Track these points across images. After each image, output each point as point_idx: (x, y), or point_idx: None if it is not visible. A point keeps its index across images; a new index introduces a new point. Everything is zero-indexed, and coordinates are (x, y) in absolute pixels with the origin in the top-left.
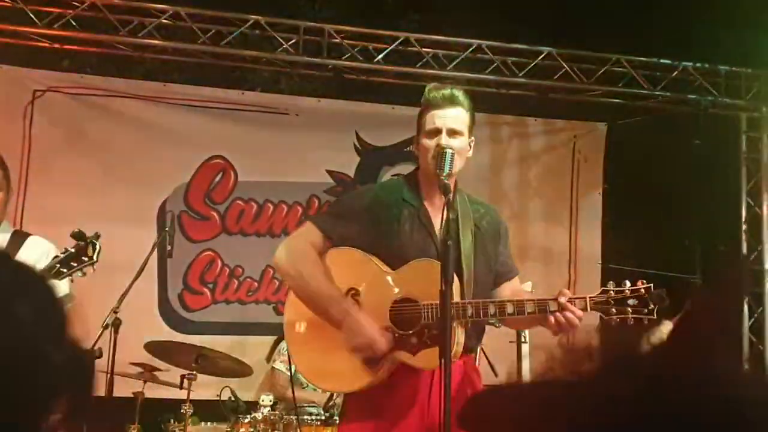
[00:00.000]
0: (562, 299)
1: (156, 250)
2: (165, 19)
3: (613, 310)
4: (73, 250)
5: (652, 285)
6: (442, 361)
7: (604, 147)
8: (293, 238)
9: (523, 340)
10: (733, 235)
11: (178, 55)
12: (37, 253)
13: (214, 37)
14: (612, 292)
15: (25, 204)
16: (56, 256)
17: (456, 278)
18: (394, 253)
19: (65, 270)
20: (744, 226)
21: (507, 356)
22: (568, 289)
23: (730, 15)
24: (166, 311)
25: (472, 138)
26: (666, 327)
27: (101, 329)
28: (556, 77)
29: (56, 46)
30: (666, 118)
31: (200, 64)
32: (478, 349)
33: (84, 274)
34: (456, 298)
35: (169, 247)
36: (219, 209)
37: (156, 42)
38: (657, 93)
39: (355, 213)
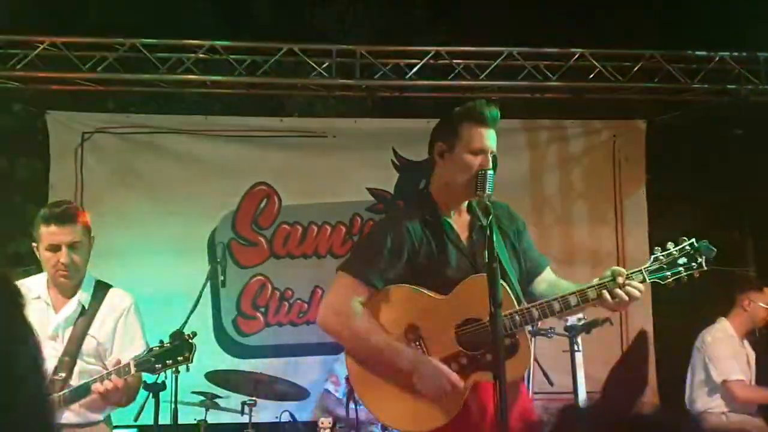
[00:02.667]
0: (620, 279)
1: (209, 279)
2: (202, 53)
3: (668, 274)
4: (170, 347)
5: (694, 239)
6: (497, 383)
7: (645, 144)
8: (334, 295)
9: (576, 348)
10: None
11: (217, 87)
12: (120, 307)
13: (250, 67)
14: (662, 257)
15: None
16: (151, 349)
17: (507, 286)
18: (436, 279)
19: (159, 366)
20: None
21: (561, 366)
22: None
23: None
24: (222, 337)
25: None
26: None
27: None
28: (590, 77)
29: (101, 88)
30: (706, 110)
31: (238, 94)
32: (531, 360)
33: (178, 371)
34: (514, 304)
35: (222, 277)
36: (266, 234)
37: (195, 77)
38: (695, 86)
39: (385, 250)
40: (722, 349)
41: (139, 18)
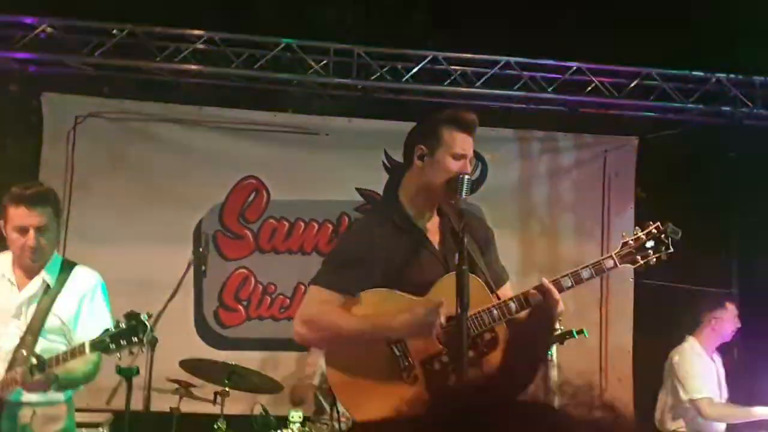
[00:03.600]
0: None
1: (193, 268)
2: (200, 44)
3: (638, 257)
4: (124, 328)
5: (659, 223)
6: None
7: (636, 161)
8: (303, 307)
9: (549, 359)
10: None
11: (213, 78)
12: (84, 285)
13: (247, 60)
14: (631, 242)
15: (68, 226)
16: (107, 330)
17: (482, 283)
18: (409, 283)
19: (114, 346)
20: None
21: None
22: (601, 305)
23: (764, 24)
24: (202, 328)
25: None
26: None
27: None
28: (585, 92)
29: (96, 73)
30: (699, 130)
31: (234, 87)
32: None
33: (132, 353)
34: (492, 300)
35: (203, 267)
36: (252, 228)
37: (191, 67)
38: (690, 105)
39: (354, 257)
40: (689, 367)
41: (139, 5)
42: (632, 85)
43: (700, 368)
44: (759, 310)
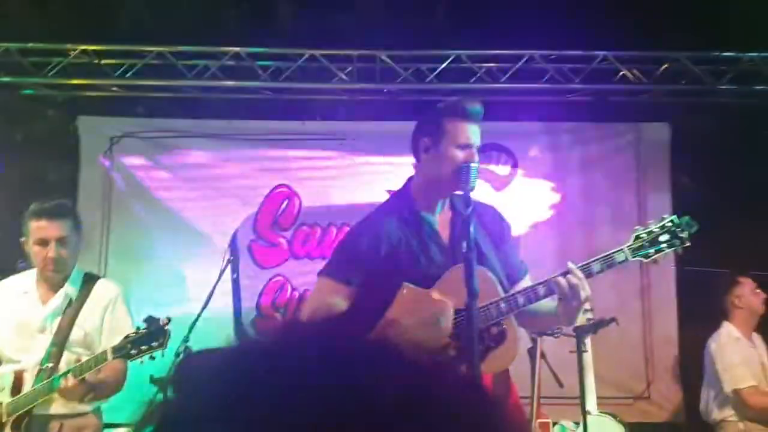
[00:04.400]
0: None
1: (230, 278)
2: (227, 60)
3: (651, 251)
4: (144, 332)
5: (675, 216)
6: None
7: (670, 147)
8: (311, 299)
9: (584, 349)
10: None
11: (241, 92)
12: (106, 297)
13: (274, 73)
14: (644, 235)
15: (109, 244)
16: (127, 336)
17: (491, 273)
18: (417, 275)
19: (134, 352)
20: None
21: (569, 366)
22: (643, 295)
23: None
24: (242, 338)
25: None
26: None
27: (174, 357)
28: (614, 80)
29: (129, 94)
30: (734, 112)
31: (262, 99)
32: (537, 360)
33: (153, 357)
34: (500, 291)
35: (234, 275)
36: (286, 235)
37: (220, 82)
38: (722, 87)
39: (362, 249)
40: (729, 355)
41: (166, 26)
42: (660, 70)
43: (739, 354)
44: None
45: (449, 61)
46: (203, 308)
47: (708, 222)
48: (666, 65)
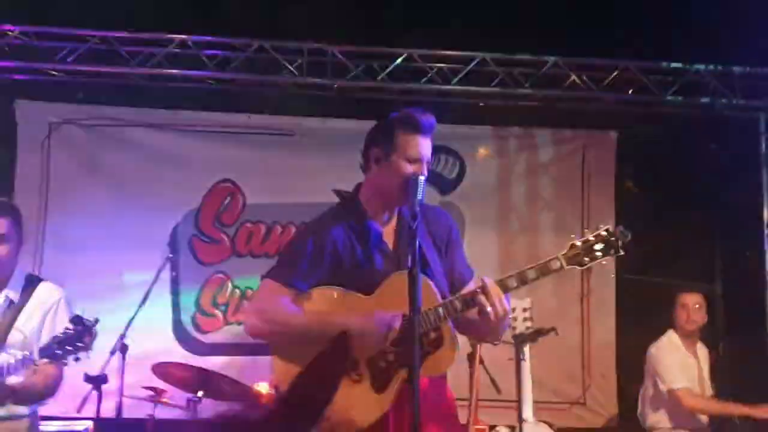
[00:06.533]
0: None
1: (169, 274)
2: (172, 47)
3: (586, 259)
4: (71, 333)
5: (609, 226)
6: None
7: (615, 155)
8: (256, 299)
9: (522, 357)
10: (756, 240)
11: (186, 82)
12: (48, 301)
13: (221, 63)
14: (578, 244)
15: (45, 233)
16: (55, 336)
17: (430, 283)
18: (360, 280)
19: (60, 352)
20: (766, 231)
21: (508, 371)
22: (582, 301)
23: (741, 13)
24: (181, 334)
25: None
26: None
27: (109, 354)
28: (563, 86)
29: (70, 79)
30: (679, 123)
31: (208, 90)
32: (477, 366)
33: (78, 359)
34: (438, 298)
35: (173, 273)
36: (228, 232)
37: (164, 71)
38: (669, 98)
39: (307, 253)
40: (667, 358)
41: (110, 10)
42: (610, 78)
43: (678, 359)
44: (743, 306)
45: (401, 59)
46: (141, 305)
47: (650, 229)
48: (616, 73)
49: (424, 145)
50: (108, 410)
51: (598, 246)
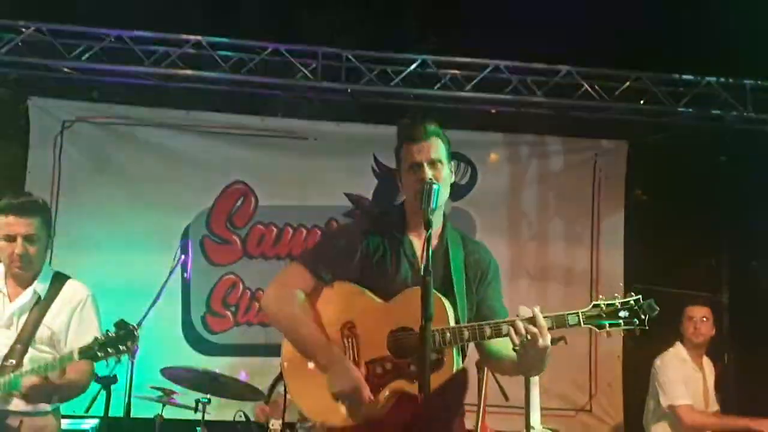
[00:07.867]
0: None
1: (180, 275)
2: (187, 48)
3: (606, 323)
4: (113, 336)
5: (641, 296)
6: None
7: (626, 165)
8: (281, 278)
9: None
10: (764, 251)
11: (201, 83)
12: (75, 298)
13: (235, 65)
14: (602, 305)
15: (55, 231)
16: (96, 338)
17: (448, 303)
18: (383, 286)
19: (101, 354)
20: None
21: (514, 379)
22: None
23: (755, 27)
24: (190, 334)
25: (452, 163)
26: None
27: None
28: (576, 96)
29: (84, 77)
30: (690, 134)
31: (222, 91)
32: (484, 372)
33: (119, 360)
34: (451, 322)
35: (184, 274)
36: (240, 233)
37: (179, 71)
38: (680, 109)
39: (343, 250)
40: (670, 372)
41: (127, 9)
42: (622, 88)
43: (681, 374)
44: (749, 317)
45: (415, 65)
46: (151, 306)
47: (659, 238)
48: (628, 83)
49: (422, 150)
50: (116, 410)
51: (623, 314)
